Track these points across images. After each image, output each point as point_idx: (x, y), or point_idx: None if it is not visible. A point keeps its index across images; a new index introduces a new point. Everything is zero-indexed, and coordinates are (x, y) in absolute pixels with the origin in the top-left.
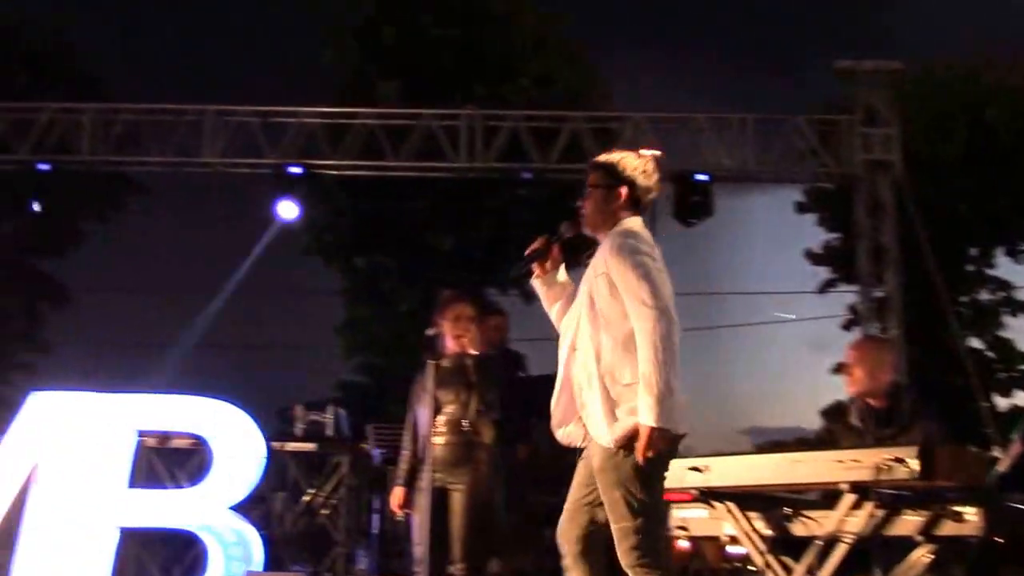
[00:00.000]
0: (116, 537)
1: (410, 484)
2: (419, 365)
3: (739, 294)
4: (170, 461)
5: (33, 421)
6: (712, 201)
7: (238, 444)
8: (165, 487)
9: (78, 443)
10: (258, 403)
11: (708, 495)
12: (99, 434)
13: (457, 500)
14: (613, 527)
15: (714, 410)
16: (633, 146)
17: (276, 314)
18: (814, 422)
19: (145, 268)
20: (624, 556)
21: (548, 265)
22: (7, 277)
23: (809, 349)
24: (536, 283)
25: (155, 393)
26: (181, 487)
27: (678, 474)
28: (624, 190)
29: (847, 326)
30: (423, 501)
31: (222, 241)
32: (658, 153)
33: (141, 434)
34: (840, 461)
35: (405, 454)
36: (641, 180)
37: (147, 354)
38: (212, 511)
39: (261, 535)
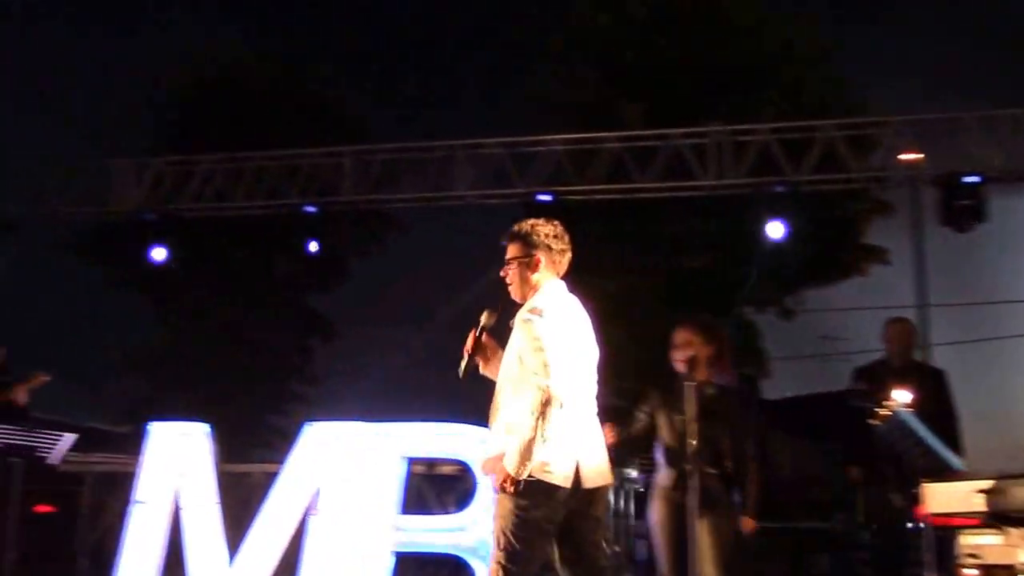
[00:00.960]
0: (391, 562)
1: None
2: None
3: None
4: (438, 487)
5: (311, 451)
6: (984, 205)
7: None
8: (434, 513)
9: (353, 471)
10: None
11: (999, 519)
12: (371, 462)
13: (709, 530)
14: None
15: (997, 426)
16: (893, 152)
17: None
18: None
19: (406, 300)
20: None
21: (488, 353)
22: (283, 315)
23: None
24: (486, 373)
25: (421, 421)
26: (448, 512)
27: (963, 497)
28: (539, 258)
29: None
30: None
31: (476, 271)
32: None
33: (410, 461)
34: None
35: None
36: (554, 245)
37: (411, 383)
38: (479, 536)
39: None
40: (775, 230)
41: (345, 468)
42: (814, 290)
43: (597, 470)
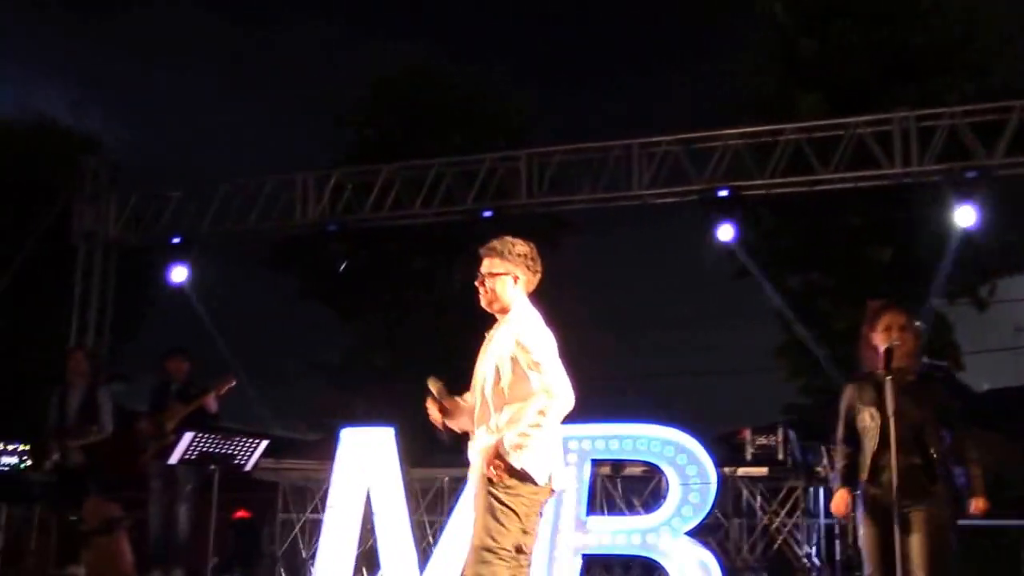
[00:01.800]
0: (579, 563)
1: (850, 484)
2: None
3: None
4: (625, 488)
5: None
6: None
7: (690, 470)
8: (622, 514)
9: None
10: (701, 428)
11: None
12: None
13: (917, 523)
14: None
15: None
16: None
17: (714, 339)
18: None
19: (584, 302)
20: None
21: (449, 414)
22: (463, 317)
23: None
24: (452, 426)
25: (607, 423)
26: (637, 514)
27: None
28: (517, 276)
29: None
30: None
31: (654, 271)
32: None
33: (595, 463)
34: None
35: (844, 449)
36: (530, 265)
37: (596, 385)
38: (669, 537)
39: (719, 561)
40: (965, 217)
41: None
42: (1008, 279)
43: (564, 474)
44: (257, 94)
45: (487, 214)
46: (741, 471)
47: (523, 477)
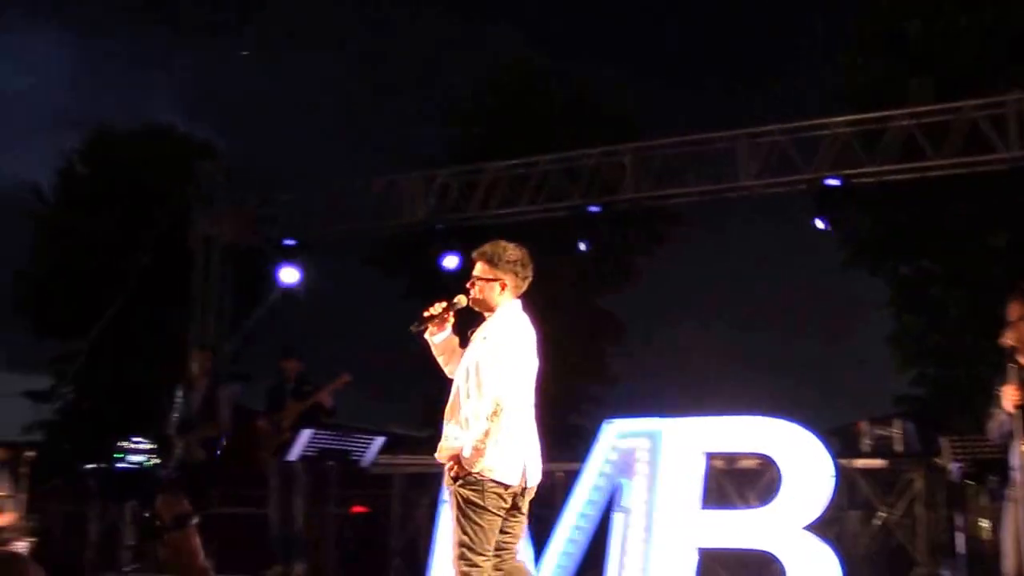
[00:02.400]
0: (695, 557)
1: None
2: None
3: None
4: (739, 482)
5: (610, 448)
6: None
7: (805, 463)
8: (736, 508)
9: (652, 467)
10: (816, 420)
11: None
12: (671, 458)
13: None
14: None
15: None
16: None
17: (825, 330)
18: None
19: (696, 295)
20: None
21: (443, 327)
22: (572, 316)
23: None
24: (428, 337)
25: (720, 416)
26: (752, 507)
27: None
28: (505, 283)
29: None
30: (1014, 514)
31: (762, 263)
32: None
33: (709, 456)
34: None
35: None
36: (519, 271)
37: (706, 378)
38: (785, 531)
39: (837, 555)
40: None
41: (645, 465)
42: None
43: (537, 468)
44: (366, 97)
45: (593, 209)
46: (858, 463)
47: (490, 480)
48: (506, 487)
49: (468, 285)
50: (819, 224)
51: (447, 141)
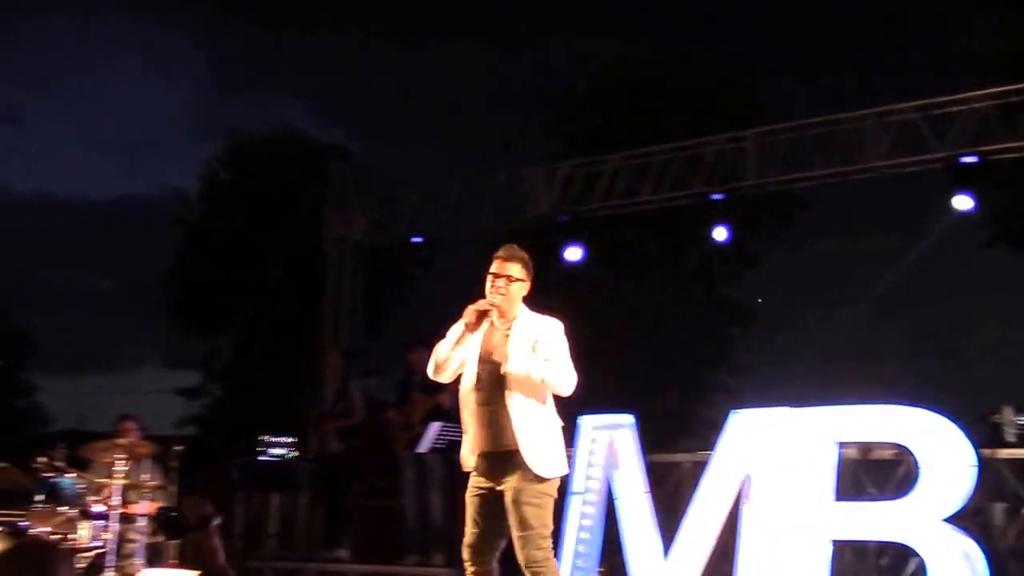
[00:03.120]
0: (829, 549)
1: None
2: None
3: None
4: (875, 472)
5: (738, 438)
6: None
7: (944, 453)
8: (872, 499)
9: (782, 457)
10: (957, 408)
11: None
12: (802, 447)
13: None
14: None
15: None
16: None
17: (964, 313)
18: None
19: (823, 280)
20: None
21: (477, 327)
22: (700, 305)
23: None
24: (466, 335)
25: (853, 404)
26: (887, 499)
27: None
28: (528, 287)
29: None
30: None
31: (895, 244)
32: None
33: (841, 445)
34: None
35: None
36: (531, 276)
37: (839, 365)
38: (923, 523)
39: (981, 549)
40: (962, 203)
41: (775, 455)
42: None
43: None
44: (485, 92)
45: (717, 197)
46: (1003, 453)
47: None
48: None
49: (494, 281)
50: (960, 203)
51: (568, 135)
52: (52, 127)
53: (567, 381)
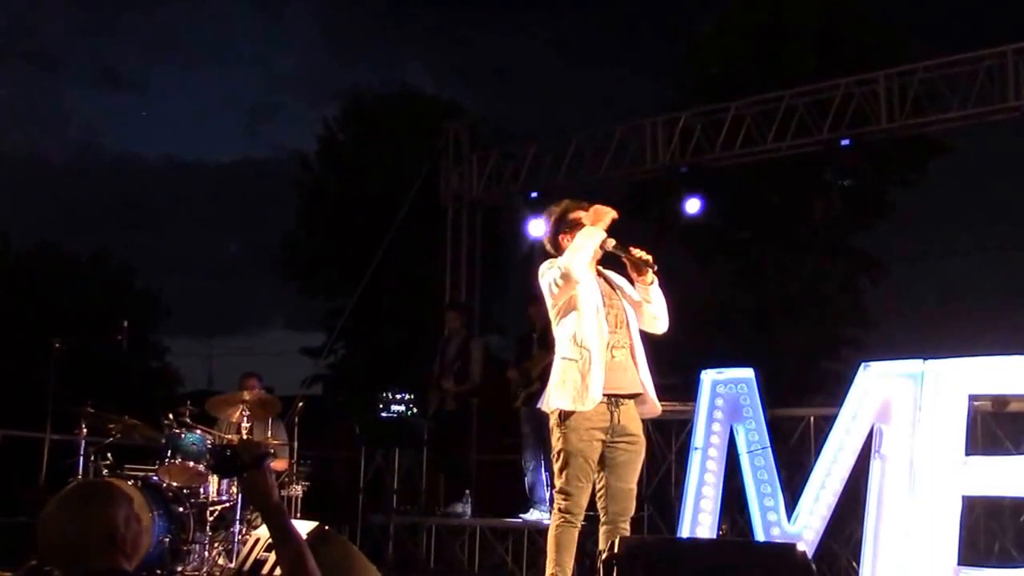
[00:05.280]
0: (959, 506)
1: None
2: None
3: None
4: (1009, 426)
5: (867, 392)
6: None
7: None
8: (1007, 453)
9: (912, 411)
10: None
11: None
12: (933, 400)
13: None
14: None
15: None
16: None
17: None
18: None
19: (956, 228)
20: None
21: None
22: (827, 257)
23: None
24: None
25: (987, 356)
26: (1022, 453)
27: None
28: None
29: None
30: None
31: None
32: None
33: (972, 398)
34: None
35: None
36: None
37: (970, 316)
38: None
39: None
40: None
41: (905, 408)
42: None
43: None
44: (601, 43)
45: (845, 143)
46: None
47: None
48: None
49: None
50: None
51: (688, 83)
52: (174, 93)
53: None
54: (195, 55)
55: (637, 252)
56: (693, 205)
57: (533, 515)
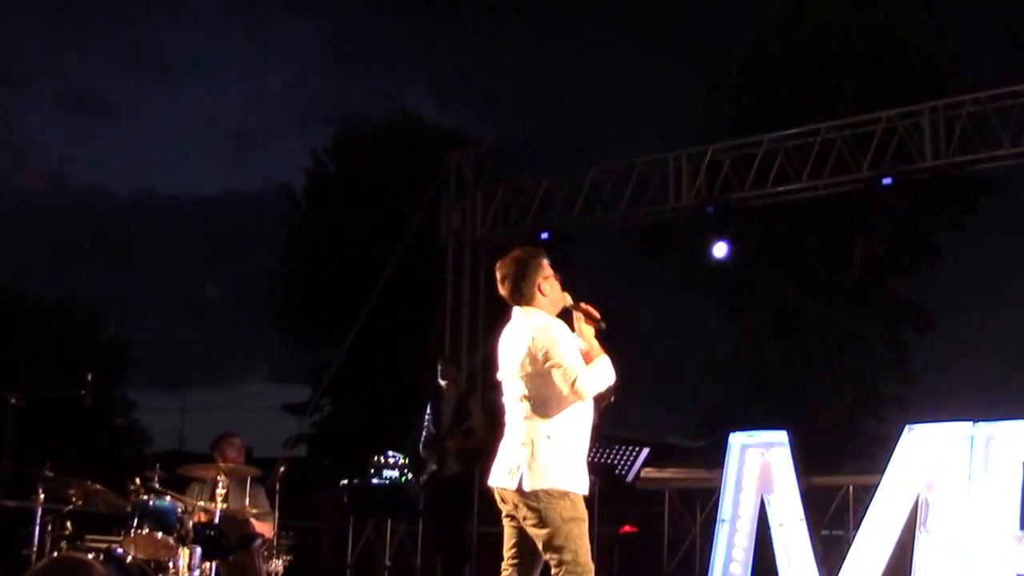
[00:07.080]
0: None
1: None
2: None
3: None
4: None
5: (913, 457)
6: None
7: None
8: None
9: (963, 479)
10: None
11: None
12: (985, 467)
13: None
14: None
15: None
16: None
17: None
18: None
19: (1007, 274)
20: None
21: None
22: (865, 302)
23: None
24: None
25: None
26: None
27: None
28: None
29: None
30: None
31: None
32: None
33: None
34: None
35: None
36: None
37: None
38: None
39: None
40: None
41: (954, 476)
42: None
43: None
44: (621, 69)
45: (887, 181)
46: None
47: None
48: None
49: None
50: None
51: (716, 115)
52: (152, 122)
53: None
54: (174, 74)
55: (586, 307)
56: (720, 249)
57: None
